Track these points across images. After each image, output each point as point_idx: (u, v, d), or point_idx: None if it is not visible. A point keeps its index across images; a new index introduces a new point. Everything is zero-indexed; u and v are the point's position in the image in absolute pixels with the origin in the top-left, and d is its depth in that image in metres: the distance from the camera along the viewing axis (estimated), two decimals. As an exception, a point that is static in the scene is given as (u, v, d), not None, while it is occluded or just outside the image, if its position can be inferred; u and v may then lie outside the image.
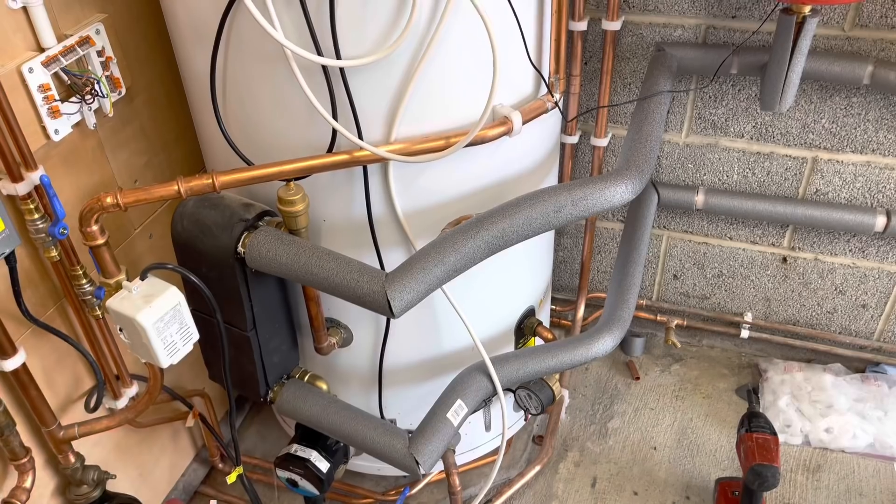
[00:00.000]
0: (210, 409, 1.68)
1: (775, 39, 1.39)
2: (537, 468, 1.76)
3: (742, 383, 1.99)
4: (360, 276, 1.07)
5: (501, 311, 1.49)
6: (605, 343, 1.43)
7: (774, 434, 1.52)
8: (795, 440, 1.81)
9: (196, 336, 1.16)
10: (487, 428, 1.65)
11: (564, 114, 1.32)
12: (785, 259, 1.87)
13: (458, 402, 1.32)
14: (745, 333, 1.98)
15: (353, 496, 1.72)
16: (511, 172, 1.30)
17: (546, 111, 1.22)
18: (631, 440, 1.86)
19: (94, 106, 1.25)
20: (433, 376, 1.47)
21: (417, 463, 1.23)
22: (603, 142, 1.77)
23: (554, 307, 2.12)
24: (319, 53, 1.04)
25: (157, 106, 1.44)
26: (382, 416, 1.51)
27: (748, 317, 1.98)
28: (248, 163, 1.18)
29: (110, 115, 1.28)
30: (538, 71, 1.17)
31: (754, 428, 1.53)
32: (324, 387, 1.38)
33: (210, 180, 1.08)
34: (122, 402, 1.41)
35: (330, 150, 1.12)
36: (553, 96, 1.21)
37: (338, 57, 1.04)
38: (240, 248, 1.15)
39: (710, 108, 1.71)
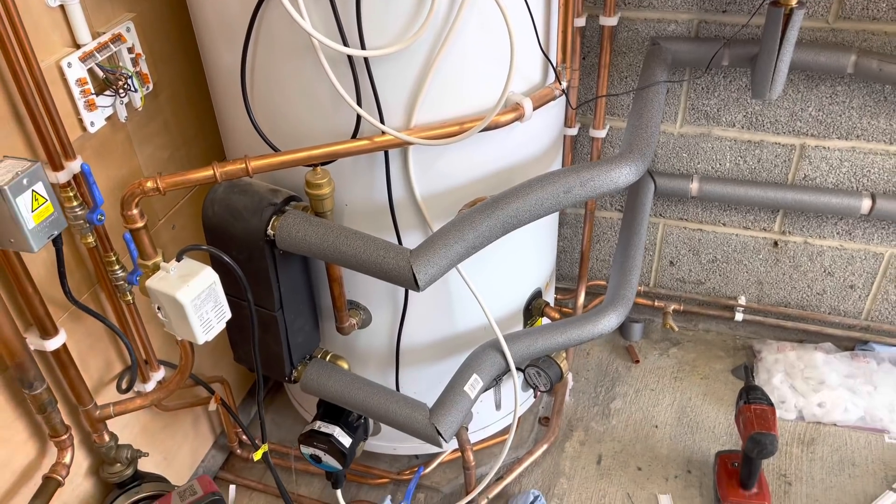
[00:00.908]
0: (229, 395, 1.74)
1: (764, 31, 1.48)
2: (545, 447, 1.84)
3: (738, 364, 2.07)
4: (387, 252, 1.14)
5: (511, 293, 1.57)
6: (611, 319, 1.51)
7: (771, 405, 1.60)
8: (790, 415, 1.90)
9: (228, 314, 1.23)
10: (498, 406, 1.72)
11: (570, 102, 1.39)
12: (776, 243, 1.96)
13: (475, 376, 1.39)
14: (739, 316, 2.07)
15: (369, 476, 1.79)
16: (520, 157, 1.37)
17: (554, 98, 1.29)
18: (633, 419, 1.94)
19: (126, 100, 1.32)
20: (448, 355, 1.54)
21: (439, 432, 1.30)
22: (601, 133, 1.86)
23: (556, 296, 2.20)
24: (345, 44, 1.11)
25: (179, 102, 1.51)
26: (399, 396, 1.57)
27: (742, 300, 2.06)
28: (276, 150, 1.25)
29: (140, 108, 1.35)
30: (548, 59, 1.25)
31: (752, 399, 1.61)
32: (345, 365, 1.45)
33: (243, 165, 1.14)
34: (150, 386, 1.47)
35: (354, 135, 1.19)
36: (560, 83, 1.29)
37: (363, 47, 1.12)
38: (269, 231, 1.22)
39: (703, 98, 1.79)
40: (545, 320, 1.64)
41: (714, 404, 1.96)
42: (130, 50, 1.31)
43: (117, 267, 1.30)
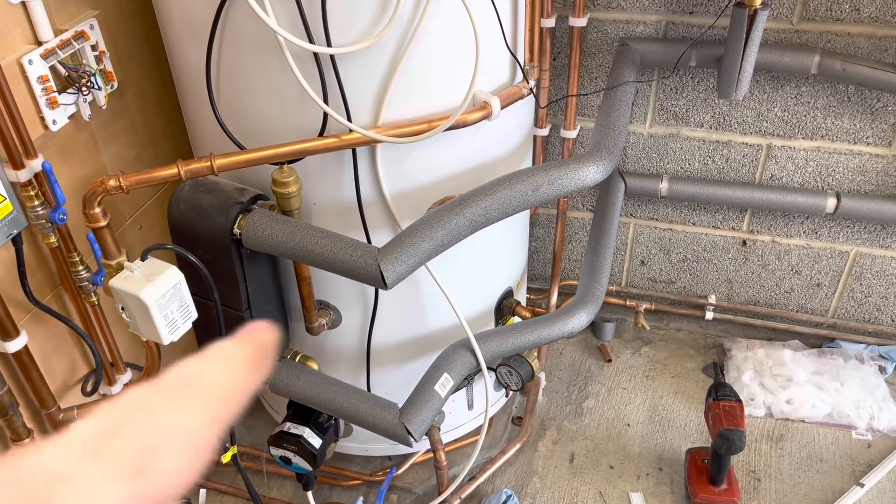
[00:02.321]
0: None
1: (730, 31, 1.50)
2: (518, 446, 1.84)
3: (708, 362, 2.09)
4: (354, 250, 1.13)
5: (482, 292, 1.57)
6: (581, 318, 1.52)
7: (740, 401, 1.62)
8: (759, 412, 1.92)
9: (195, 314, 1.22)
10: (470, 406, 1.72)
11: (538, 101, 1.40)
12: (745, 242, 1.98)
13: (445, 375, 1.39)
14: (709, 315, 2.09)
15: (340, 478, 1.77)
16: (490, 156, 1.38)
17: (522, 97, 1.30)
18: (605, 418, 1.95)
19: (90, 98, 1.30)
20: (419, 355, 1.54)
21: (409, 432, 1.30)
22: (572, 134, 1.87)
23: (528, 296, 2.20)
24: (311, 42, 1.10)
25: (146, 101, 1.50)
26: (370, 396, 1.57)
27: (712, 299, 2.08)
28: (242, 148, 1.24)
29: (104, 107, 1.33)
30: (515, 58, 1.26)
31: (721, 396, 1.63)
32: (314, 366, 1.44)
33: (208, 163, 1.13)
34: (116, 388, 1.45)
35: (321, 133, 1.19)
36: (528, 83, 1.30)
37: (328, 45, 1.11)
38: (235, 230, 1.21)
39: (672, 99, 1.81)
40: (517, 319, 1.65)
41: (685, 402, 1.98)
42: (94, 47, 1.30)
43: (81, 267, 1.28)
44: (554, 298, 2.14)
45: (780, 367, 1.97)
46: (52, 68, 1.23)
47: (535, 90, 1.32)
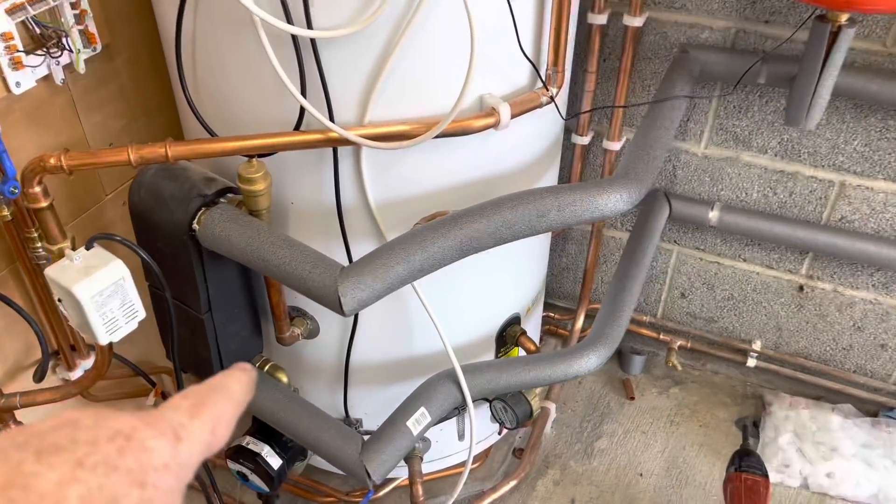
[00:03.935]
0: (177, 388, 1.61)
1: (807, 49, 1.27)
2: (513, 483, 1.67)
3: (744, 414, 1.87)
4: (314, 267, 0.98)
5: (481, 317, 1.40)
6: (590, 361, 1.33)
7: (766, 476, 1.41)
8: (793, 482, 1.69)
9: (142, 314, 1.09)
10: (461, 437, 1.56)
11: (561, 111, 1.21)
12: (801, 287, 1.74)
13: (422, 409, 1.23)
14: (751, 362, 1.86)
15: (316, 493, 1.65)
16: (500, 169, 1.20)
17: (539, 106, 1.11)
18: (617, 463, 1.76)
19: (64, 60, 1.18)
20: (404, 378, 1.39)
21: (368, 473, 1.15)
22: (615, 145, 1.66)
23: (553, 314, 2.02)
24: (289, 21, 0.95)
25: (140, 67, 1.37)
26: (348, 416, 1.43)
27: (757, 345, 1.85)
28: (213, 134, 1.10)
29: (82, 71, 1.21)
30: (528, 59, 1.07)
31: (745, 467, 1.42)
32: (283, 378, 1.30)
33: (163, 150, 1.00)
34: (76, 374, 1.35)
35: (297, 127, 1.04)
36: (548, 90, 1.11)
37: (309, 27, 0.95)
38: (194, 225, 1.07)
39: (734, 118, 1.58)
40: (521, 352, 1.47)
41: (710, 457, 1.77)
42: (74, 5, 1.17)
43: (39, 245, 1.17)
44: (580, 322, 1.95)
45: (824, 434, 1.73)
46: (24, 25, 1.11)
47: (556, 98, 1.13)
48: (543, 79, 1.11)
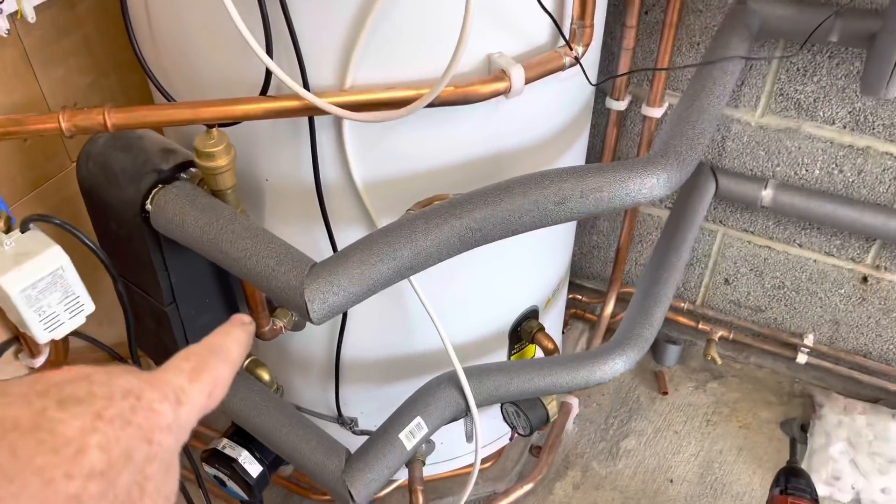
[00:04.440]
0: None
1: (892, 2, 1.04)
2: (528, 486, 1.51)
3: (790, 416, 1.67)
4: (279, 263, 0.81)
5: (492, 311, 1.22)
6: (615, 366, 1.15)
7: (815, 500, 1.22)
8: (844, 497, 1.50)
9: (89, 307, 0.94)
10: (468, 439, 1.40)
11: (589, 74, 1.01)
12: (865, 278, 1.52)
13: (417, 420, 1.07)
14: (802, 358, 1.66)
15: (312, 490, 1.51)
16: (512, 145, 1.01)
17: (561, 68, 0.91)
18: (644, 466, 1.59)
19: (8, 8, 1.02)
20: (403, 377, 1.23)
21: (350, 495, 1.00)
22: (657, 112, 1.45)
23: (580, 297, 1.83)
24: (248, -39, 0.76)
25: (108, 16, 1.20)
26: (340, 415, 1.28)
27: (809, 339, 1.65)
28: (168, 97, 0.93)
29: (31, 20, 1.05)
30: (545, 9, 0.86)
31: (791, 490, 1.23)
32: (265, 376, 1.15)
33: (101, 118, 0.83)
34: (40, 361, 1.22)
35: (264, 92, 0.86)
36: (572, 49, 0.91)
37: (272, -32, 0.77)
38: (148, 206, 0.91)
39: (797, 83, 1.36)
40: (537, 349, 1.29)
41: (750, 464, 1.59)
42: (19, -58, 1.00)
43: (-15, 221, 1.03)
44: (609, 307, 1.77)
45: (882, 444, 1.53)
46: (-43, -36, 0.95)
47: (581, 58, 0.93)
48: (566, 35, 0.91)
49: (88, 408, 0.27)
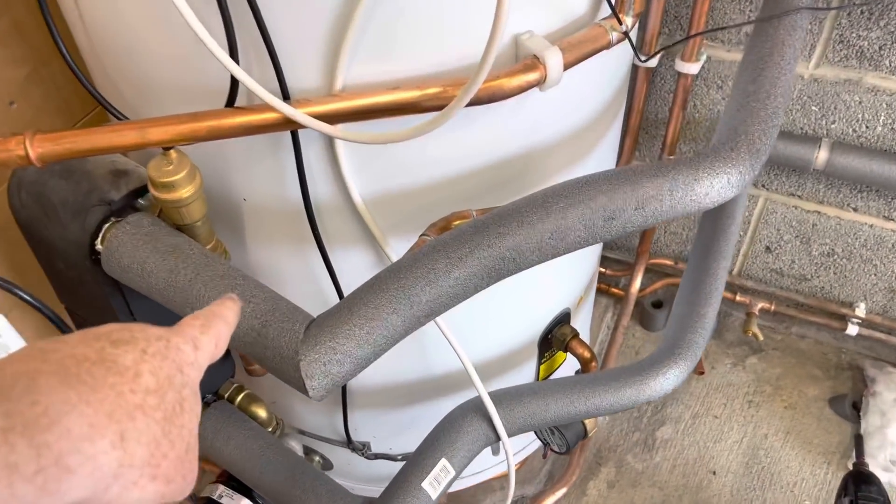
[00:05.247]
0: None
1: None
2: (562, 491, 1.38)
3: (839, 391, 1.53)
4: (265, 325, 0.64)
5: (520, 321, 1.06)
6: (666, 381, 0.99)
7: (891, 512, 1.09)
8: (904, 483, 1.38)
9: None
10: (495, 452, 1.26)
11: (635, 50, 0.81)
12: (928, 244, 1.36)
13: (443, 463, 0.92)
14: (852, 329, 1.51)
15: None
16: (544, 137, 0.82)
17: (607, 46, 0.72)
18: (684, 458, 1.46)
19: None
20: (421, 400, 1.07)
21: (370, 562, 0.85)
22: (693, 68, 1.25)
23: (605, 269, 1.67)
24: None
25: (40, -6, 0.99)
26: (350, 440, 1.12)
27: (860, 310, 1.49)
28: (119, 117, 0.74)
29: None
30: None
31: (863, 500, 1.10)
32: (262, 413, 0.99)
33: (21, 149, 0.64)
34: None
35: (230, 103, 0.67)
36: (621, 23, 0.71)
37: (227, -59, 0.57)
38: (98, 246, 0.73)
39: (860, 28, 1.16)
40: (570, 358, 1.14)
41: (799, 449, 1.45)
42: None
43: None
44: (637, 282, 1.61)
45: (945, 424, 1.40)
46: None
47: (631, 32, 0.74)
48: (613, 4, 0.71)
49: (135, 346, 0.35)
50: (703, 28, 1.23)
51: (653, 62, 1.27)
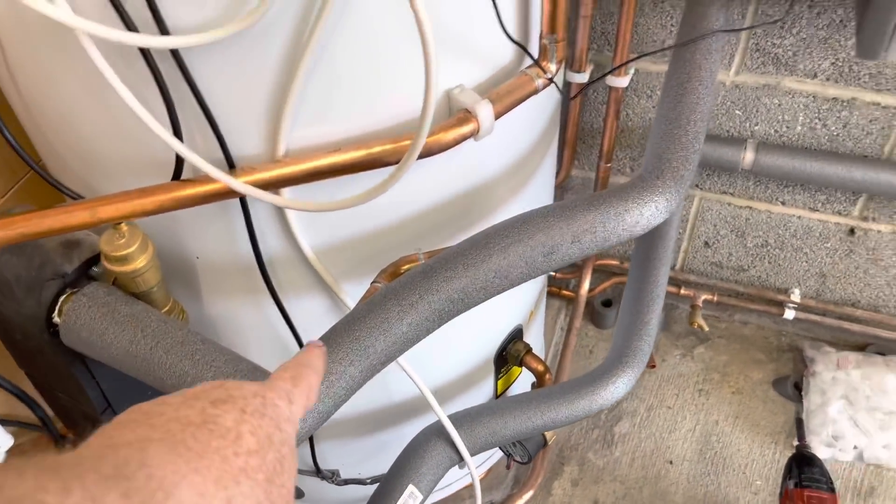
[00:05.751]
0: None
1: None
2: (528, 494, 1.43)
3: (781, 373, 1.62)
4: (228, 388, 0.67)
5: (476, 342, 1.10)
6: (616, 389, 1.05)
7: (833, 491, 1.17)
8: (846, 457, 1.46)
9: (6, 442, 0.79)
10: (461, 467, 1.30)
11: (560, 90, 0.85)
12: (853, 230, 1.44)
13: (410, 489, 0.95)
14: (789, 314, 1.59)
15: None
16: (483, 175, 0.86)
17: (534, 92, 0.76)
18: (642, 450, 1.52)
19: None
20: (385, 427, 1.11)
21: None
22: (622, 81, 1.31)
23: (556, 274, 1.72)
24: (130, 29, 0.58)
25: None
26: (318, 470, 1.15)
27: (795, 295, 1.58)
28: (74, 196, 0.75)
29: None
30: (508, 34, 0.71)
31: (806, 482, 1.18)
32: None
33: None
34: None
35: (177, 176, 0.69)
36: (545, 71, 0.75)
37: (163, 31, 0.59)
38: (56, 319, 0.75)
39: (775, 36, 1.22)
40: (524, 372, 1.18)
41: (748, 432, 1.53)
42: None
43: None
44: (586, 284, 1.66)
45: (880, 397, 1.49)
46: None
47: (556, 77, 0.78)
48: (535, 56, 0.75)
49: (234, 405, 0.35)
50: (629, 42, 1.28)
51: (584, 77, 1.32)
